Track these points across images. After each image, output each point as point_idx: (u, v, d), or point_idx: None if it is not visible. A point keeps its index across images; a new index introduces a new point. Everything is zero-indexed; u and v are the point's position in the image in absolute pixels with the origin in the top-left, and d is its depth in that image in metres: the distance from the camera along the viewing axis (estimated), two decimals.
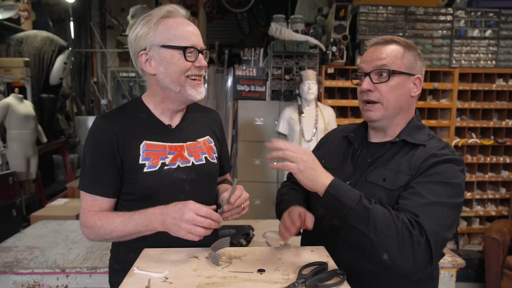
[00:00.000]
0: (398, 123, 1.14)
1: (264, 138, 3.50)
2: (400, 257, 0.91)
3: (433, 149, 1.06)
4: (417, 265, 0.91)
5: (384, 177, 1.06)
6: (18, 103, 3.69)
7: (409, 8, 3.38)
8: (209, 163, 1.19)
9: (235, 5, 4.85)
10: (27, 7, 4.66)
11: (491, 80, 3.48)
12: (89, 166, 1.09)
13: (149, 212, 1.03)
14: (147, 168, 1.08)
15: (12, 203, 3.37)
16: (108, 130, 1.08)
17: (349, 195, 0.95)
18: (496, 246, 2.82)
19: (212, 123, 1.29)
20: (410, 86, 1.10)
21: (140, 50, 1.08)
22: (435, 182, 0.99)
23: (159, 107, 1.15)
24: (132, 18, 3.19)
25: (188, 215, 0.96)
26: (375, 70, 1.08)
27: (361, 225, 0.93)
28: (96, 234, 1.08)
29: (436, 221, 0.93)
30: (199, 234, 0.97)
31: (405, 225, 0.92)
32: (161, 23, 1.06)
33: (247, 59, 3.72)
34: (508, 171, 3.55)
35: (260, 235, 2.07)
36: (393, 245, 0.91)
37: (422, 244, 0.91)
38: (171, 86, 1.09)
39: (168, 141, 1.14)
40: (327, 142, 1.33)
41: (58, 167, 5.05)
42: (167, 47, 1.05)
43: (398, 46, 1.10)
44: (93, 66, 6.92)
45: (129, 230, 1.04)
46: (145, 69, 1.09)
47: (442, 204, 0.96)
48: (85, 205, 1.10)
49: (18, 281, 1.67)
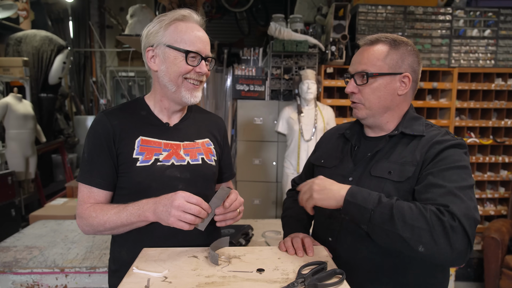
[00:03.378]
0: (388, 120, 1.14)
1: (263, 137, 3.50)
2: (436, 246, 0.88)
3: (435, 137, 1.07)
4: (457, 251, 0.88)
5: (390, 170, 1.07)
6: (17, 102, 3.69)
7: (408, 7, 3.38)
8: (206, 164, 1.19)
9: (234, 4, 4.85)
10: (26, 6, 4.65)
11: (490, 80, 3.48)
12: (87, 158, 1.12)
13: (142, 202, 1.05)
14: (140, 162, 1.10)
15: (11, 202, 3.36)
16: (106, 124, 1.12)
17: (368, 198, 0.96)
18: (495, 246, 2.83)
19: (214, 127, 1.29)
20: (395, 85, 1.10)
21: (148, 46, 1.12)
22: (446, 169, 0.99)
23: (158, 105, 1.18)
24: (131, 18, 3.18)
25: (178, 201, 0.96)
26: (357, 73, 1.12)
27: (387, 225, 0.92)
28: (90, 225, 1.09)
29: (464, 205, 0.91)
30: (189, 221, 0.97)
31: (433, 213, 0.89)
32: (173, 24, 1.10)
33: (246, 59, 3.72)
34: (507, 171, 3.56)
35: (259, 234, 2.07)
36: (425, 235, 0.88)
37: (456, 228, 0.88)
38: (168, 85, 1.12)
39: (164, 139, 1.15)
40: (324, 142, 1.34)
41: (57, 167, 5.04)
42: (172, 48, 1.09)
43: (383, 45, 1.10)
44: (92, 66, 6.91)
45: (122, 221, 1.05)
46: (149, 64, 1.13)
47: (461, 188, 0.95)
48: (81, 196, 1.12)
49: (17, 281, 1.67)
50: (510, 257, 2.80)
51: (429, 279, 1.09)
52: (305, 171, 1.41)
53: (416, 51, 1.12)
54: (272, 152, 3.52)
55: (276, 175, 3.54)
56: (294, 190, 1.43)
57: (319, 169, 1.27)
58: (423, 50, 3.41)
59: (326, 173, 1.19)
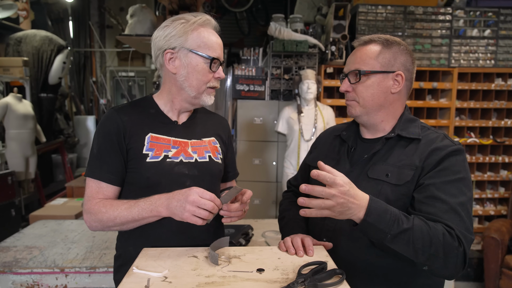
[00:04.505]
0: (383, 119, 1.15)
1: (263, 137, 3.50)
2: (442, 269, 0.97)
3: (434, 142, 1.08)
4: (457, 271, 0.98)
5: (387, 172, 1.07)
6: (17, 102, 3.69)
7: (408, 7, 3.38)
8: (213, 162, 1.21)
9: (234, 4, 4.85)
10: (26, 6, 4.65)
11: (490, 80, 3.48)
12: (97, 153, 1.13)
13: (155, 198, 1.06)
14: (149, 158, 1.12)
15: (11, 202, 3.36)
16: (116, 119, 1.13)
17: (385, 219, 0.93)
18: (495, 246, 2.83)
19: (219, 127, 1.32)
20: (388, 83, 1.11)
21: (167, 48, 1.12)
22: (448, 182, 1.01)
23: (168, 104, 1.20)
24: (131, 18, 3.18)
25: (193, 196, 0.98)
26: (350, 72, 1.14)
27: (402, 249, 0.95)
28: (99, 221, 1.09)
29: (465, 226, 0.98)
30: (203, 217, 0.99)
31: (446, 237, 0.95)
32: (196, 29, 1.12)
33: (246, 59, 3.72)
34: (507, 171, 3.56)
35: (259, 234, 2.07)
36: (439, 262, 0.95)
37: (461, 253, 0.96)
38: (188, 90, 1.15)
39: (173, 136, 1.17)
40: (320, 144, 1.34)
41: (57, 167, 5.05)
42: (196, 54, 1.11)
43: (376, 45, 1.12)
44: (92, 66, 6.92)
45: (133, 216, 1.06)
46: (167, 66, 1.14)
47: (462, 204, 1.00)
48: (89, 192, 1.13)
49: (17, 281, 1.67)
50: (510, 257, 2.80)
51: (424, 280, 1.10)
52: (301, 172, 1.41)
53: (409, 51, 1.14)
54: (272, 152, 3.52)
55: (276, 175, 3.54)
56: (291, 192, 1.44)
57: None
58: (423, 50, 3.41)
59: None
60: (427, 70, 3.41)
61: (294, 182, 1.44)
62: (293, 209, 1.31)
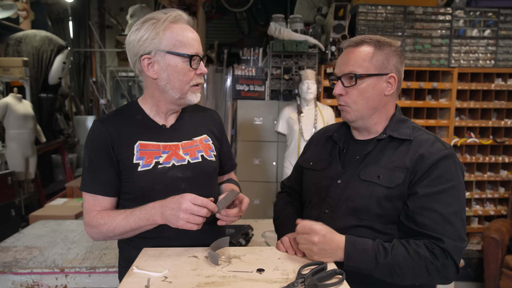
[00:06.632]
0: (376, 121, 1.15)
1: (263, 137, 3.50)
2: (431, 281, 1.01)
3: (424, 144, 1.08)
4: (449, 280, 1.02)
5: (378, 174, 1.08)
6: (17, 102, 3.68)
7: (408, 7, 3.38)
8: (206, 161, 1.20)
9: (234, 4, 4.84)
10: (26, 6, 4.64)
11: (490, 80, 3.48)
12: (88, 167, 1.12)
13: (149, 207, 1.06)
14: (141, 167, 1.11)
15: (11, 203, 3.36)
16: (103, 131, 1.11)
17: (364, 258, 1.00)
18: (495, 246, 2.83)
19: (210, 122, 1.30)
20: (382, 86, 1.11)
21: (143, 54, 1.08)
22: (442, 191, 1.02)
23: (154, 109, 1.18)
24: (131, 18, 3.18)
25: (185, 204, 0.99)
26: (344, 75, 1.12)
27: (387, 278, 1.01)
28: (100, 232, 1.10)
29: (457, 234, 1.00)
30: (197, 223, 1.00)
31: (428, 260, 0.98)
32: (168, 28, 1.07)
33: (246, 59, 3.72)
34: (507, 171, 3.56)
35: (259, 234, 2.07)
36: (423, 278, 1.00)
37: (448, 265, 0.99)
38: (171, 92, 1.11)
39: (162, 141, 1.16)
40: (313, 145, 1.34)
41: (57, 167, 5.04)
42: (173, 54, 1.07)
43: (368, 46, 1.10)
44: (92, 66, 6.91)
45: (131, 225, 1.06)
46: (147, 72, 1.10)
47: (456, 213, 1.02)
48: (87, 205, 1.13)
49: (17, 281, 1.67)
50: (510, 257, 2.80)
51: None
52: (294, 173, 1.41)
53: (399, 52, 1.13)
54: (272, 152, 3.52)
55: (276, 175, 3.54)
56: (285, 192, 1.44)
57: (308, 171, 1.28)
58: (423, 50, 3.41)
59: (315, 175, 1.21)
60: (427, 70, 3.41)
61: (288, 183, 1.45)
62: (287, 209, 1.31)
